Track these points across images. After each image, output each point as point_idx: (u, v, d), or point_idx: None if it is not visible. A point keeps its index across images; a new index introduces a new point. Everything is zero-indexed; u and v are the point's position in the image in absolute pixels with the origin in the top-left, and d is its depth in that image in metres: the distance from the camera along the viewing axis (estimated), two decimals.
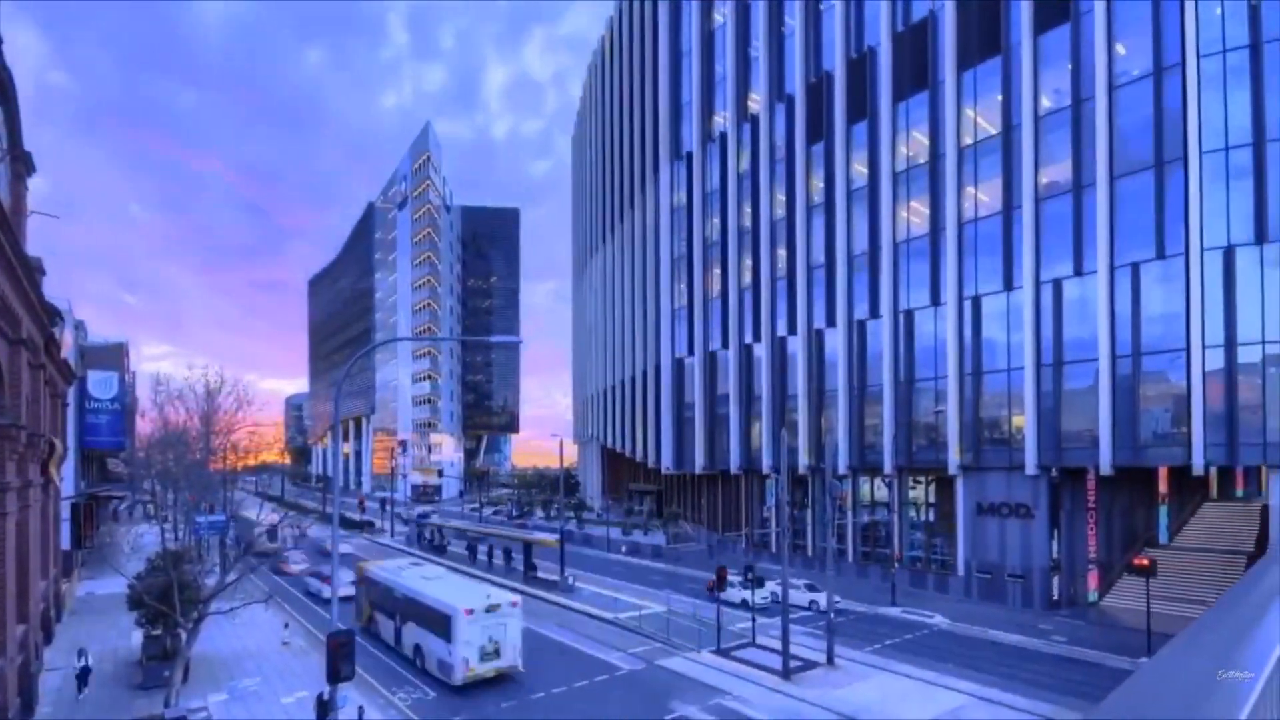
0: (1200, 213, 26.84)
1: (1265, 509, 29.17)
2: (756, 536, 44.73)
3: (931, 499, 36.49)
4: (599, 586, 37.59)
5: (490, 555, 45.96)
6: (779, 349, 44.24)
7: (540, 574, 39.41)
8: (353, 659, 13.75)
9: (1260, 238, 25.91)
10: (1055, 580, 30.94)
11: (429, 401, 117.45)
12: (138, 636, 23.76)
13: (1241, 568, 28.46)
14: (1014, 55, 32.69)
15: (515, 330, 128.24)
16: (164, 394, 36.41)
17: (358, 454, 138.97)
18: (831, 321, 40.62)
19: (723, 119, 49.52)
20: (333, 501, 15.71)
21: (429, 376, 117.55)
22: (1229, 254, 26.41)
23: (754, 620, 26.91)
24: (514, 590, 36.91)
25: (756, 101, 46.48)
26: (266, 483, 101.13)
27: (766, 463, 43.98)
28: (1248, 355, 26.04)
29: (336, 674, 13.43)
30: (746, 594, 28.89)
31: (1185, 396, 27.04)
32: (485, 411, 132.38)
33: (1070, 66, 30.82)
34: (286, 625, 27.64)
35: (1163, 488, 33.69)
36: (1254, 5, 26.23)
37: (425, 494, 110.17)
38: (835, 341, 40.29)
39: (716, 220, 49.92)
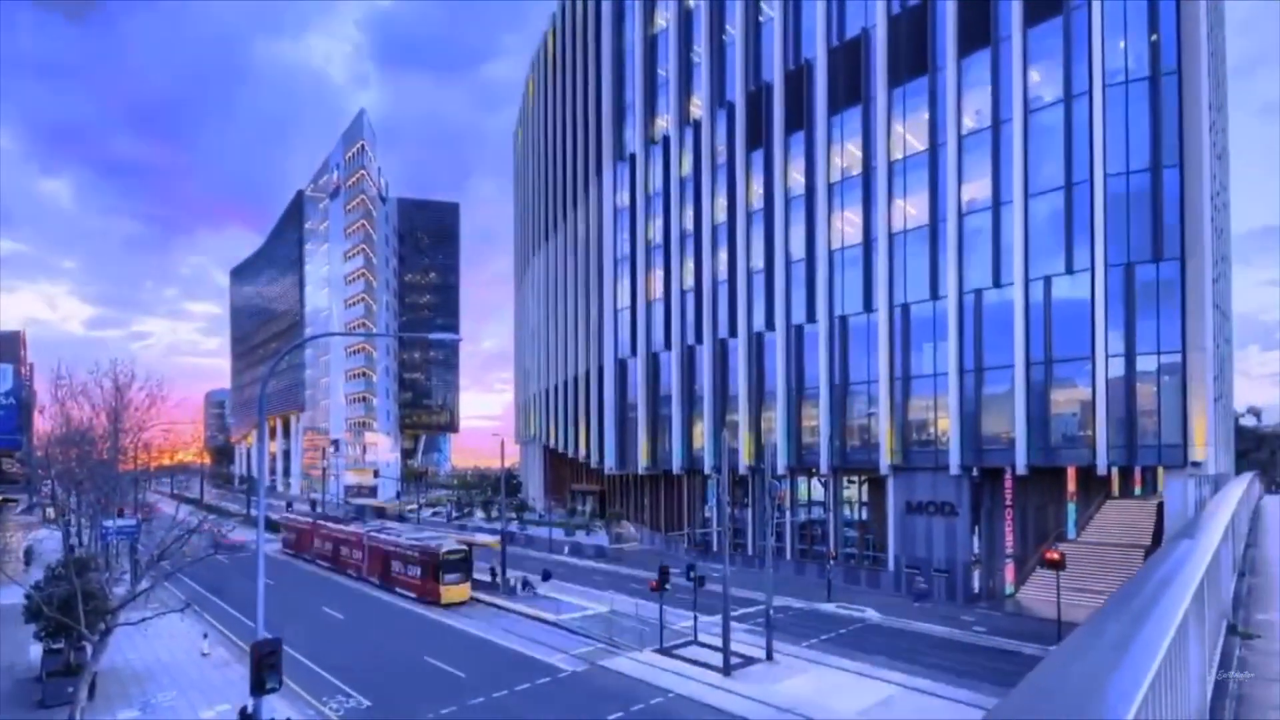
0: (1105, 231, 28.97)
1: (1160, 506, 31.82)
2: (698, 536, 45.42)
3: (864, 498, 38.02)
4: (541, 588, 37.23)
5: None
6: (720, 351, 45.02)
7: (480, 576, 38.71)
8: (279, 668, 13.06)
9: (1156, 256, 28.19)
10: (976, 574, 32.79)
11: (363, 399, 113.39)
12: (37, 651, 22.04)
13: (1140, 560, 30.93)
14: (939, 76, 34.33)
15: (455, 327, 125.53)
16: (66, 388, 33.64)
17: (286, 454, 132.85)
18: (771, 325, 41.64)
19: (665, 122, 49.95)
20: (258, 503, 14.92)
21: (363, 374, 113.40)
22: (1129, 270, 28.62)
23: (696, 619, 27.31)
24: None
25: (698, 106, 47.11)
26: (184, 484, 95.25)
27: (708, 463, 44.70)
28: (1145, 364, 28.34)
29: (262, 684, 12.68)
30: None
31: (1091, 402, 29.18)
32: (424, 410, 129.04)
33: (990, 89, 32.64)
34: (206, 635, 26.21)
35: (1071, 486, 36.19)
36: (1153, 41, 28.54)
37: (360, 495, 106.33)
38: (774, 345, 41.33)
39: (659, 222, 50.34)
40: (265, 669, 12.65)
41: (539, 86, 76.18)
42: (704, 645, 25.74)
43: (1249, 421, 71.54)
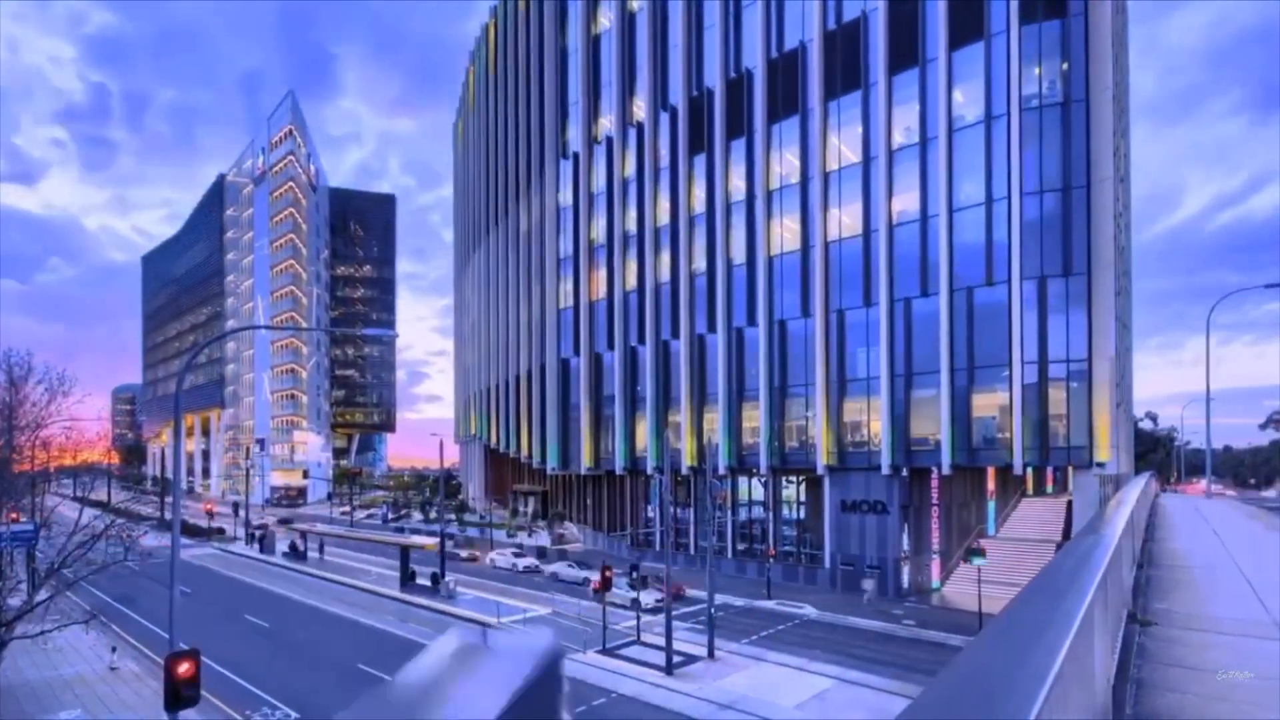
0: (1020, 247, 30.90)
1: (1069, 503, 34.19)
2: (641, 536, 45.66)
3: (802, 498, 39.17)
4: (482, 591, 36.75)
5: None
6: (662, 352, 45.42)
7: (419, 580, 37.73)
8: (197, 681, 11.97)
9: (1066, 270, 30.27)
10: (906, 570, 34.37)
11: (292, 397, 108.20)
12: None
13: (1052, 554, 33.17)
14: (872, 92, 35.69)
15: (392, 323, 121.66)
16: None
17: (205, 453, 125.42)
18: (712, 328, 42.31)
19: (609, 122, 49.93)
20: (174, 506, 13.99)
21: (292, 370, 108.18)
22: (1042, 283, 30.63)
23: (639, 618, 27.49)
24: (390, 599, 35.29)
25: (641, 109, 47.29)
26: (89, 486, 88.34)
27: (650, 463, 45.03)
28: (1056, 372, 30.40)
29: (177, 699, 11.82)
30: (633, 593, 29.41)
31: (1008, 407, 31.06)
32: (358, 408, 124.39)
33: (919, 107, 34.25)
34: (114, 649, 24.50)
35: (991, 485, 38.44)
36: (1064, 71, 30.61)
37: (288, 497, 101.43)
38: (716, 347, 41.99)
39: (602, 222, 50.31)
40: (181, 682, 11.82)
41: (479, 78, 74.69)
42: (647, 645, 25.97)
43: (1146, 425, 77.77)
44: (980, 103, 32.47)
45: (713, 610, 25.83)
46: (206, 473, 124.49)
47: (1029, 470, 34.95)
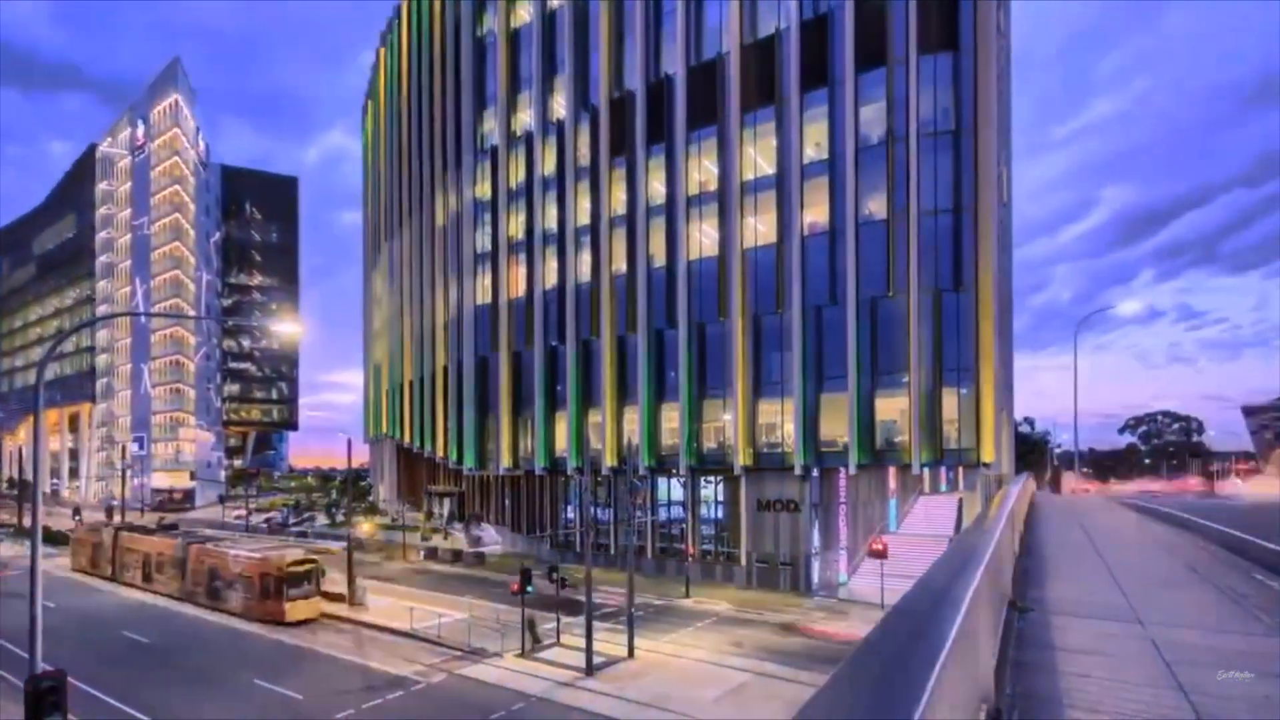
0: (918, 262, 33.25)
1: (960, 501, 37.18)
2: (561, 537, 45.54)
3: (720, 497, 40.39)
4: (394, 596, 35.49)
5: None
6: (583, 352, 45.43)
7: (323, 587, 35.90)
8: (64, 706, 10.64)
9: (956, 286, 32.91)
10: (816, 566, 36.23)
11: (177, 391, 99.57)
12: None
13: (944, 547, 35.96)
14: (786, 107, 37.07)
15: (294, 314, 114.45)
16: None
17: (74, 452, 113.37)
18: (633, 329, 42.76)
19: (528, 117, 49.19)
20: (33, 510, 12.63)
21: (177, 362, 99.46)
22: (936, 297, 33.16)
23: (558, 620, 27.52)
24: None
25: (561, 107, 46.94)
26: None
27: (571, 464, 44.98)
28: (948, 379, 33.02)
29: None
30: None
31: (908, 411, 33.41)
32: (254, 404, 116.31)
33: (828, 125, 36.01)
34: None
35: (892, 485, 41.12)
36: (956, 101, 33.17)
37: (173, 501, 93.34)
38: (637, 348, 42.49)
39: (522, 219, 49.62)
40: (45, 708, 10.69)
41: (392, 62, 71.57)
42: (567, 647, 26.09)
43: (1024, 429, 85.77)
44: (883, 124, 34.55)
45: (633, 610, 26.27)
46: (75, 474, 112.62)
47: (925, 470, 37.71)
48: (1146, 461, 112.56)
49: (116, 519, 58.38)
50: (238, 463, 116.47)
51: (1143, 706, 5.21)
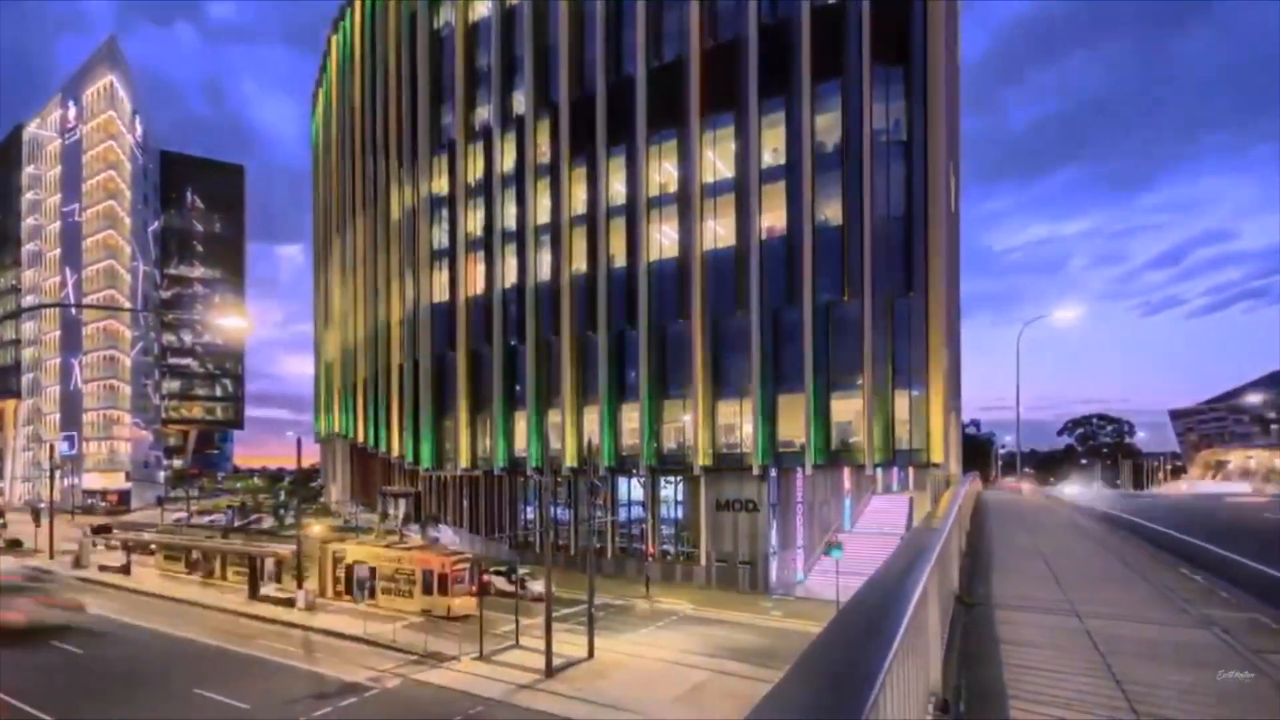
0: (871, 267, 34.17)
1: (911, 500, 38.37)
2: (520, 538, 45.13)
3: (680, 497, 40.70)
4: (351, 599, 34.48)
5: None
6: (544, 351, 45.09)
7: (272, 591, 34.80)
8: None
9: (908, 290, 33.94)
10: (774, 565, 36.87)
11: (111, 388, 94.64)
12: None
13: (895, 546, 37.06)
14: (746, 112, 37.50)
15: (239, 307, 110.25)
16: None
17: None
18: (593, 328, 42.69)
19: (486, 113, 48.45)
20: None
21: (112, 357, 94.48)
22: (889, 301, 34.15)
23: (518, 622, 27.31)
24: (235, 614, 32.23)
25: (521, 104, 46.39)
26: None
27: (531, 464, 44.63)
28: (900, 381, 34.07)
29: None
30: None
31: (861, 412, 34.32)
32: (196, 401, 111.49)
33: (786, 132, 36.68)
34: None
35: (847, 484, 42.21)
36: (908, 112, 34.18)
37: (108, 502, 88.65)
38: (597, 348, 42.44)
39: (481, 216, 48.95)
40: None
41: (344, 49, 69.56)
42: (526, 649, 25.92)
43: (971, 430, 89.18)
44: (839, 133, 35.37)
45: (593, 610, 26.27)
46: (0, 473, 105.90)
47: (878, 470, 38.78)
48: (1083, 462, 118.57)
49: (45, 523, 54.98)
50: (178, 463, 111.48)
51: (1080, 696, 5.53)
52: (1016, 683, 5.87)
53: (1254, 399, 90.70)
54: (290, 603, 33.42)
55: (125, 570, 43.14)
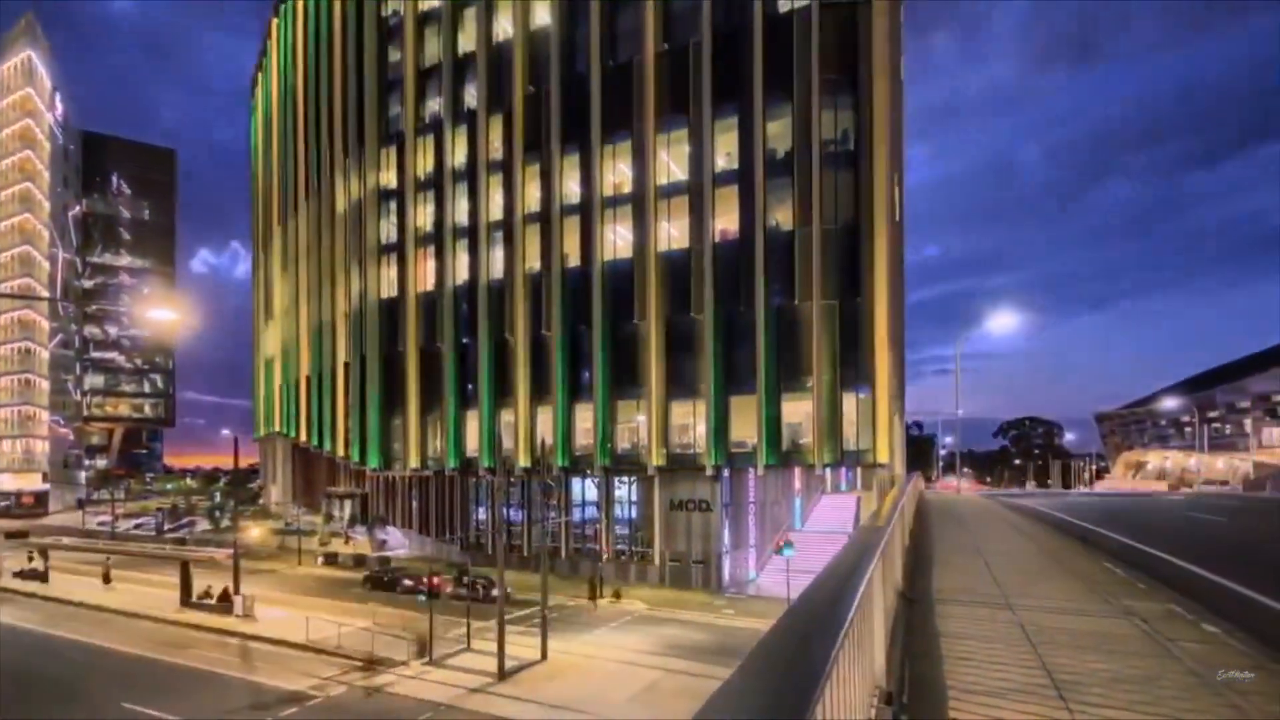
0: (821, 271, 34.98)
1: (859, 499, 39.52)
2: (472, 539, 44.44)
3: (634, 497, 40.83)
4: (289, 607, 33.37)
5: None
6: (497, 349, 44.52)
7: (206, 599, 33.26)
8: None
9: (854, 296, 34.95)
10: (727, 564, 37.40)
11: (26, 383, 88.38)
12: None
13: (843, 544, 38.14)
14: (701, 117, 37.81)
15: (169, 297, 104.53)
16: None
17: None
18: (547, 327, 42.40)
19: (437, 106, 47.50)
20: None
21: (26, 350, 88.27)
22: (836, 306, 35.00)
23: (469, 625, 26.92)
24: (170, 623, 30.68)
25: (473, 98, 45.68)
26: None
27: (483, 464, 43.99)
28: (846, 384, 34.89)
29: None
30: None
31: (811, 414, 35.16)
32: (122, 398, 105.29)
33: (738, 136, 37.14)
34: None
35: (797, 484, 43.18)
36: (855, 122, 35.21)
37: (22, 505, 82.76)
38: (551, 347, 42.15)
39: (431, 211, 47.98)
40: None
41: (285, 33, 67.02)
42: (478, 652, 25.61)
43: (914, 432, 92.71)
44: (789, 140, 36.04)
45: (546, 612, 26.12)
46: None
47: (827, 470, 39.76)
48: (1017, 463, 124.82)
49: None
50: (102, 462, 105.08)
51: (1014, 685, 5.86)
52: (954, 674, 6.16)
53: (1170, 403, 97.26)
54: (224, 609, 31.99)
55: (43, 578, 40.44)
